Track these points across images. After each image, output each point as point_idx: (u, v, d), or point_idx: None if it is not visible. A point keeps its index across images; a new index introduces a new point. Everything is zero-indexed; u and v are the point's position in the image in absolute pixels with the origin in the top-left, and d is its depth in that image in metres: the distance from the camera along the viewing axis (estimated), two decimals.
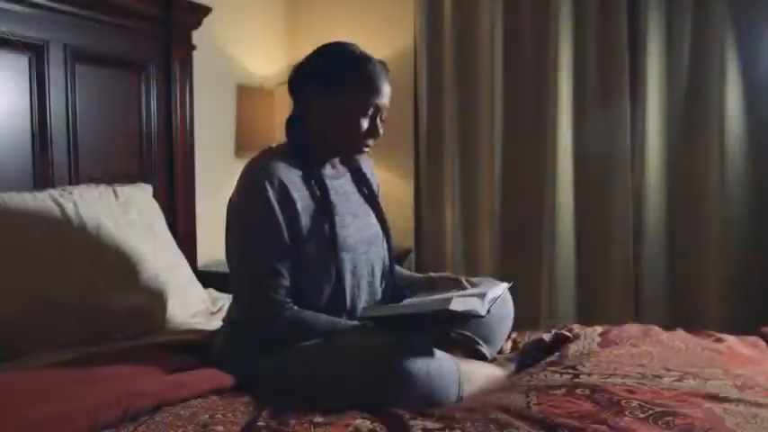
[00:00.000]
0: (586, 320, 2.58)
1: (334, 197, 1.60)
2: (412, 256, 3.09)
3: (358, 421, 1.21)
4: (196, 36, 2.55)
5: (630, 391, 1.29)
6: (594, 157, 2.82)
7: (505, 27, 2.90)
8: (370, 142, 1.65)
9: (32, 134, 2.00)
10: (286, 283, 1.51)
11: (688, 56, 2.70)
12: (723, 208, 2.63)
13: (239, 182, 1.57)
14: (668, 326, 1.88)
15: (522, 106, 2.92)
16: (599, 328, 1.81)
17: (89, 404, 1.19)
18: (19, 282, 1.67)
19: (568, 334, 1.76)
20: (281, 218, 1.51)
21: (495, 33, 2.90)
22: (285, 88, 3.14)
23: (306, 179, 1.58)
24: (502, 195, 2.95)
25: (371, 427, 1.18)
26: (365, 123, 1.60)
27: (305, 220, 1.54)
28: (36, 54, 1.99)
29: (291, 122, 1.67)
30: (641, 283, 2.78)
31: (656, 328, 1.80)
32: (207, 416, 1.24)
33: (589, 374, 1.42)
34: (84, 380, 1.33)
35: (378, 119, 1.62)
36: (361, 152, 1.68)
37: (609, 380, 1.37)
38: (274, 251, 1.50)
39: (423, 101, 3.03)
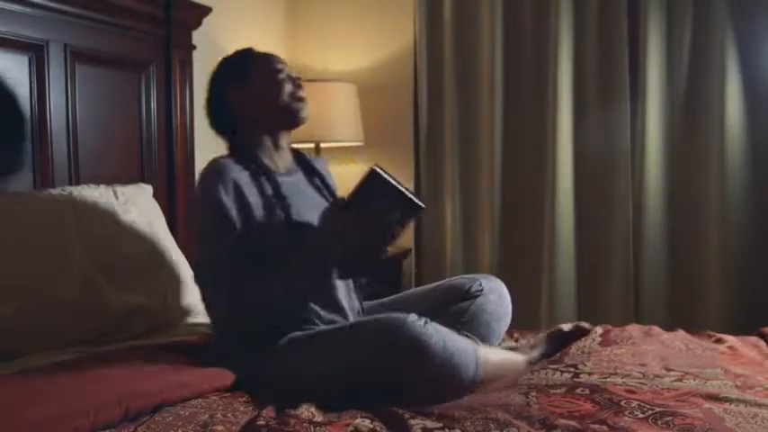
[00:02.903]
0: (586, 321, 2.57)
1: (286, 191, 1.65)
2: (412, 255, 3.09)
3: (358, 420, 1.20)
4: (196, 36, 2.55)
5: (630, 391, 1.29)
6: (594, 157, 2.81)
7: (505, 27, 2.90)
8: (300, 93, 1.73)
9: (32, 134, 1.99)
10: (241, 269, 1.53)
11: (688, 56, 2.70)
12: (723, 208, 2.63)
13: (195, 187, 1.64)
14: (668, 326, 1.88)
15: (522, 106, 2.92)
16: (599, 329, 1.81)
17: (90, 404, 1.18)
18: (19, 282, 1.67)
19: (588, 326, 1.76)
20: (234, 217, 1.55)
21: (495, 33, 2.90)
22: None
23: (256, 177, 1.63)
24: (502, 195, 2.95)
25: (371, 426, 1.18)
26: (285, 81, 1.71)
27: (260, 217, 1.58)
28: (36, 54, 1.99)
29: (233, 148, 1.75)
30: (641, 283, 2.77)
31: (657, 329, 1.80)
32: (207, 416, 1.24)
33: (589, 374, 1.42)
34: (84, 380, 1.33)
35: (292, 77, 1.74)
36: (301, 109, 1.74)
37: (609, 380, 1.38)
38: (230, 250, 1.53)
39: (423, 101, 3.03)
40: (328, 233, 1.52)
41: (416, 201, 1.49)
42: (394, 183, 1.47)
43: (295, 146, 1.91)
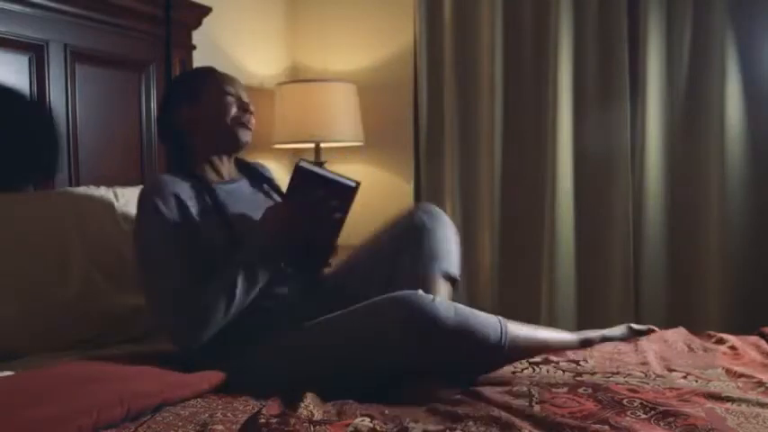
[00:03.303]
0: (586, 320, 2.58)
1: (227, 199, 1.67)
2: None
3: (357, 420, 1.20)
4: (196, 36, 2.55)
5: (633, 391, 1.29)
6: (594, 157, 2.81)
7: (505, 27, 2.90)
8: (246, 119, 1.76)
9: (32, 134, 1.99)
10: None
11: (688, 56, 2.70)
12: (723, 208, 2.63)
13: (137, 208, 1.63)
14: (668, 326, 1.88)
15: (522, 106, 2.92)
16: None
17: (92, 404, 1.18)
18: (19, 282, 1.67)
19: (657, 330, 1.77)
20: (178, 229, 1.56)
21: (495, 33, 2.90)
22: (285, 88, 3.15)
23: (195, 188, 1.65)
24: (502, 195, 2.94)
25: (371, 425, 1.18)
26: (231, 104, 1.74)
27: (201, 224, 1.60)
28: (36, 54, 1.99)
29: (174, 162, 1.79)
30: (641, 283, 2.77)
31: (660, 330, 1.81)
32: (207, 415, 1.24)
33: (592, 373, 1.42)
34: (86, 380, 1.33)
35: (241, 101, 1.77)
36: (241, 134, 1.76)
37: (612, 379, 1.38)
38: (180, 266, 1.54)
39: (423, 101, 3.03)
40: (269, 231, 1.55)
41: (347, 183, 1.54)
42: (321, 173, 1.53)
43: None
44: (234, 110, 1.75)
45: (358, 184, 1.55)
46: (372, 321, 1.45)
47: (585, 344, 1.63)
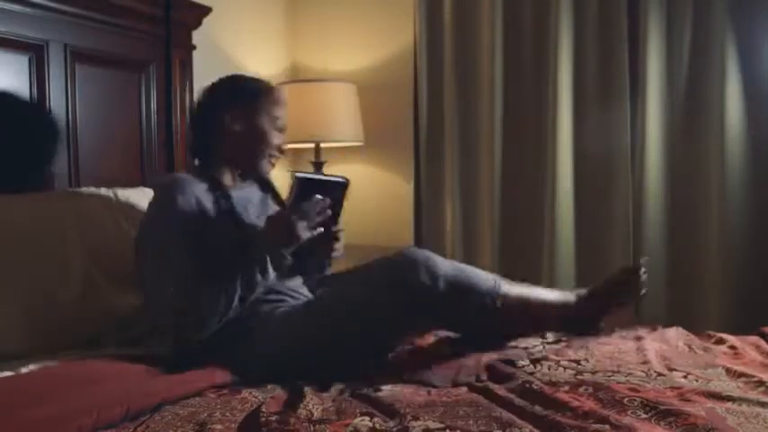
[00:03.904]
0: None
1: (238, 204, 1.71)
2: None
3: (357, 420, 1.20)
4: (196, 36, 2.55)
5: (634, 390, 1.29)
6: (594, 157, 2.81)
7: (505, 27, 2.90)
8: (277, 157, 1.80)
9: (32, 134, 1.99)
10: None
11: (688, 56, 2.70)
12: (723, 208, 2.63)
13: (152, 202, 1.67)
14: (668, 326, 1.88)
15: (522, 106, 2.92)
16: None
17: (92, 404, 1.19)
18: (19, 282, 1.67)
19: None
20: (196, 227, 1.59)
21: (495, 33, 2.90)
22: (285, 88, 3.15)
23: (211, 190, 1.68)
24: (502, 195, 2.94)
25: (371, 425, 1.18)
26: (275, 137, 1.77)
27: (217, 226, 1.63)
28: (36, 54, 1.99)
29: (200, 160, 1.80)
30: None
31: (661, 328, 1.81)
32: (205, 414, 1.25)
33: (593, 372, 1.43)
34: (86, 380, 1.33)
35: (280, 138, 1.80)
36: (269, 163, 1.79)
37: (612, 378, 1.38)
38: (191, 264, 1.55)
39: (423, 101, 3.03)
40: (271, 237, 1.58)
41: (339, 180, 1.64)
42: (318, 177, 1.66)
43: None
44: (275, 141, 1.77)
45: (347, 180, 1.65)
46: (377, 275, 1.59)
47: (579, 299, 1.76)
